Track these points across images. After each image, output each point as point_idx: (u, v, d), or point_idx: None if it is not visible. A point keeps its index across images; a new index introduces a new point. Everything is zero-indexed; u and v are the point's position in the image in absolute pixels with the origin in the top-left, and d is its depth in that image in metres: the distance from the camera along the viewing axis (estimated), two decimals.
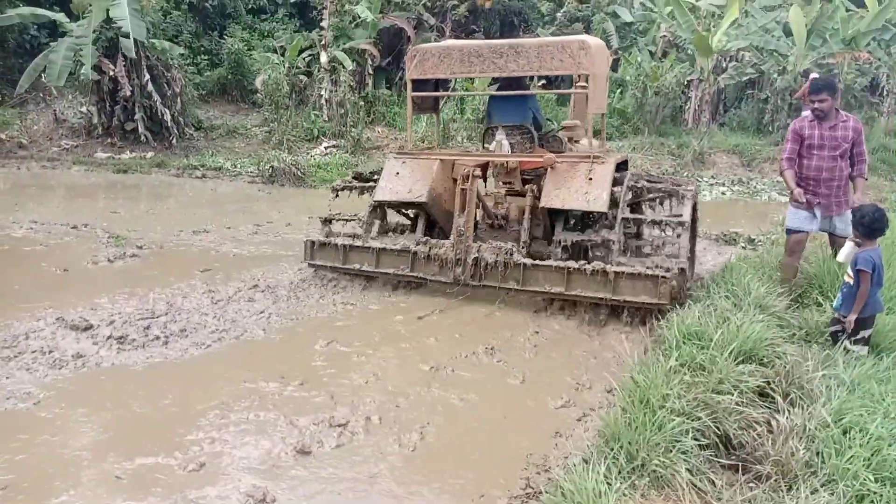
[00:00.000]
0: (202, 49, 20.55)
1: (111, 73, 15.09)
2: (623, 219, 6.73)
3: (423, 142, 14.82)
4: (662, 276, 6.25)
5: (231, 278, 7.78)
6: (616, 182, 6.87)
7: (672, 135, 21.23)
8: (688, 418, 4.05)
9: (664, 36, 24.24)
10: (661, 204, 7.58)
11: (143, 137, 15.67)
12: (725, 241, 11.22)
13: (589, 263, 6.58)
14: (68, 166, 14.06)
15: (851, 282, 5.33)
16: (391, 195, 7.45)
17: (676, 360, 4.72)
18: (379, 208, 7.83)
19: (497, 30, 25.00)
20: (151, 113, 15.79)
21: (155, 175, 13.41)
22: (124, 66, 15.12)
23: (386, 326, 6.71)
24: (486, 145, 7.94)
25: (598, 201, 6.64)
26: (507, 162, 7.40)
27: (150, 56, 15.66)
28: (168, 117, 15.70)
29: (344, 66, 18.41)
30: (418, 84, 7.60)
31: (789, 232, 6.68)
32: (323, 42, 19.08)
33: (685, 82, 22.00)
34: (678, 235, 6.76)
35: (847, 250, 5.62)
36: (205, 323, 6.51)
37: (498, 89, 7.99)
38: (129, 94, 15.25)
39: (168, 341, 6.05)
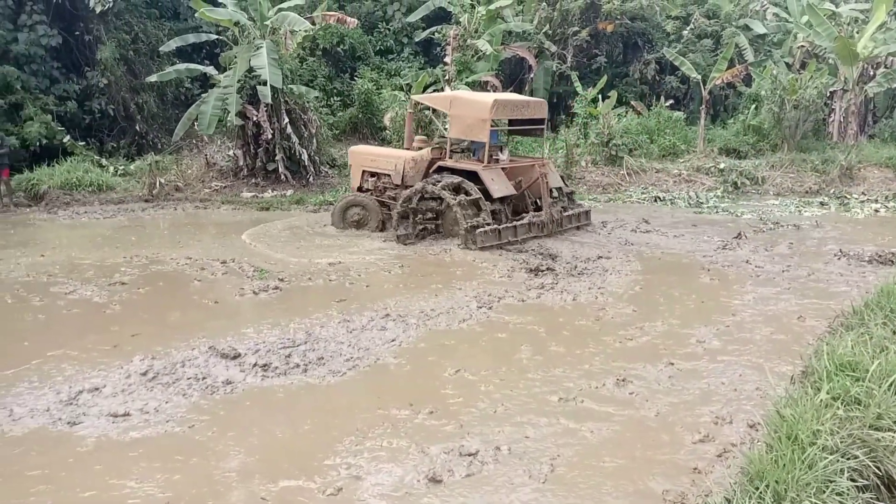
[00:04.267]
0: (335, 91, 21.76)
1: (254, 118, 16.30)
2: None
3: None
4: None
5: (365, 308, 8.10)
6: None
7: (815, 150, 19.86)
8: (842, 456, 3.74)
9: (801, 46, 22.84)
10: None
11: (283, 177, 16.74)
12: (880, 261, 10.32)
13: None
14: (218, 206, 15.28)
15: None
16: (504, 192, 11.45)
17: (828, 394, 4.38)
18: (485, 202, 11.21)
19: (620, 52, 24.63)
20: (290, 153, 16.85)
21: (294, 211, 14.25)
22: (265, 111, 16.28)
23: (512, 357, 6.72)
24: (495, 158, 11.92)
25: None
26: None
27: (289, 100, 16.77)
28: (305, 157, 16.68)
29: None
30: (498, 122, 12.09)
31: None
32: (446, 77, 19.60)
33: (827, 93, 20.57)
34: None
35: None
36: (340, 351, 6.80)
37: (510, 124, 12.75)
38: (270, 136, 16.38)
39: (307, 369, 6.38)
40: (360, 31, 22.18)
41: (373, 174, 12.65)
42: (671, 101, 22.84)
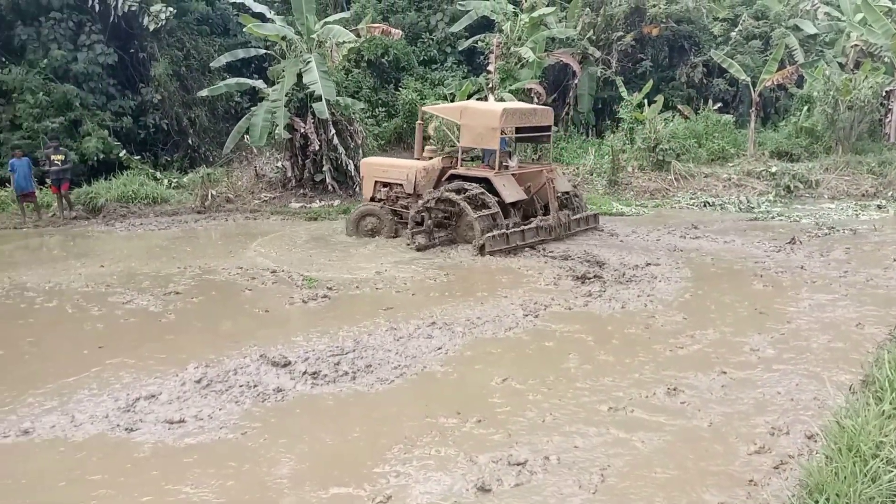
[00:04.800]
0: (380, 102, 22.01)
1: (302, 130, 16.62)
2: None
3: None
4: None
5: (411, 316, 8.15)
6: None
7: (871, 151, 19.23)
8: None
9: (855, 45, 22.17)
10: None
11: (330, 187, 17.01)
12: None
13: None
14: (267, 216, 15.59)
15: None
16: (516, 198, 11.79)
17: (891, 404, 4.22)
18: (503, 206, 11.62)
19: (666, 56, 24.28)
20: (337, 164, 17.11)
21: (341, 221, 14.43)
22: (313, 123, 16.60)
23: (560, 365, 6.66)
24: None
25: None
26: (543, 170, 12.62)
27: (335, 112, 17.06)
28: (352, 167, 16.90)
29: None
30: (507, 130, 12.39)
31: None
32: (490, 85, 19.66)
33: (884, 93, 19.90)
34: None
35: None
36: (388, 359, 6.85)
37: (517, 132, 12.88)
38: (317, 148, 16.67)
39: (356, 377, 6.44)
40: (404, 41, 22.40)
41: (385, 184, 13.03)
42: (719, 105, 22.41)
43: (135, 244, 12.85)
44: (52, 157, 14.95)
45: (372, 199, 13.13)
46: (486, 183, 11.66)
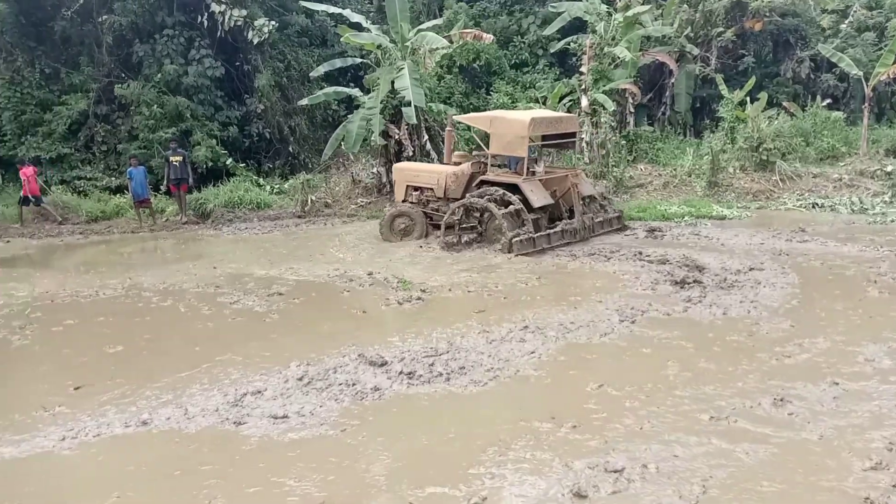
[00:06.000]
0: (471, 106, 22.15)
1: (396, 136, 17.02)
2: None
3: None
4: None
5: (504, 319, 8.16)
6: None
7: None
8: None
9: None
10: None
11: None
12: None
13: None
14: (363, 220, 16.02)
15: None
16: (543, 202, 12.15)
17: None
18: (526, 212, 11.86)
19: (769, 51, 23.15)
20: None
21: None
22: (406, 129, 16.95)
23: (658, 372, 6.51)
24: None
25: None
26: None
27: (428, 118, 17.34)
28: None
29: (605, 108, 18.48)
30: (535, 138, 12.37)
31: None
32: (583, 86, 19.39)
33: None
34: None
35: None
36: (481, 361, 6.90)
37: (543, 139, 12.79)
38: (411, 154, 17.01)
39: (450, 378, 6.53)
40: (496, 45, 22.45)
41: (416, 188, 13.70)
42: (828, 101, 21.16)
43: (240, 247, 13.52)
44: (171, 158, 16.03)
45: (403, 202, 13.83)
46: (515, 189, 12.11)
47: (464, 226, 12.49)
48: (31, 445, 5.49)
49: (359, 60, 18.76)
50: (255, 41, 18.52)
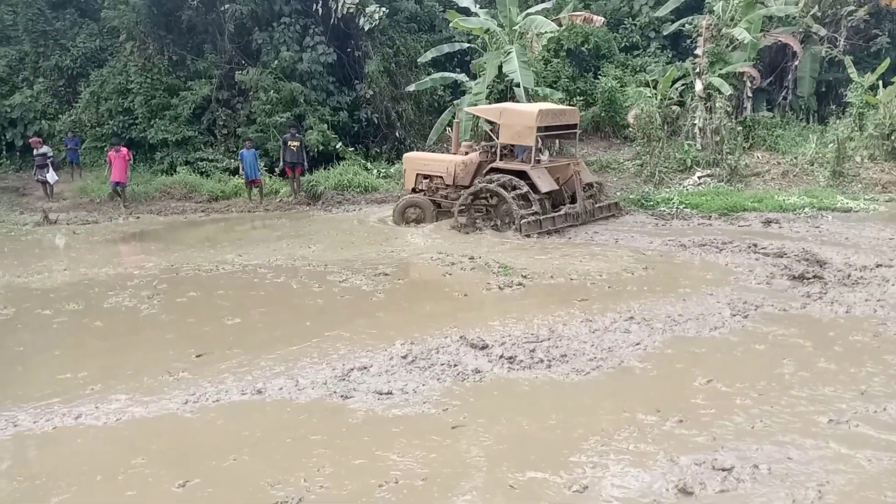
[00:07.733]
0: (578, 91, 21.68)
1: None
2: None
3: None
4: None
5: (607, 309, 8.02)
6: None
7: None
8: None
9: None
10: None
11: None
12: None
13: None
14: None
15: None
16: (549, 188, 12.85)
17: None
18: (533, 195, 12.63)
19: None
20: None
21: None
22: None
23: (773, 371, 6.21)
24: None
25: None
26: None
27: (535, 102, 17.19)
28: (546, 157, 16.97)
29: (720, 92, 17.63)
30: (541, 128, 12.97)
31: None
32: (697, 70, 18.55)
33: None
34: None
35: None
36: (583, 350, 6.82)
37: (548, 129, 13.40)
38: None
39: (551, 365, 6.50)
40: (606, 28, 21.85)
41: (426, 177, 14.34)
42: None
43: (348, 227, 13.96)
44: (290, 142, 16.82)
45: (413, 191, 14.45)
46: (523, 176, 12.91)
47: (475, 210, 13.17)
48: (157, 407, 5.93)
49: (466, 45, 18.78)
50: (366, 27, 18.90)
